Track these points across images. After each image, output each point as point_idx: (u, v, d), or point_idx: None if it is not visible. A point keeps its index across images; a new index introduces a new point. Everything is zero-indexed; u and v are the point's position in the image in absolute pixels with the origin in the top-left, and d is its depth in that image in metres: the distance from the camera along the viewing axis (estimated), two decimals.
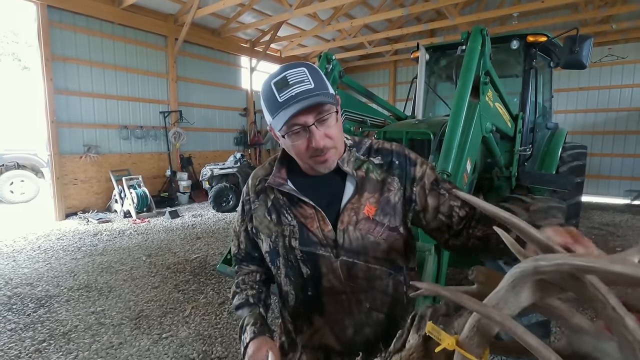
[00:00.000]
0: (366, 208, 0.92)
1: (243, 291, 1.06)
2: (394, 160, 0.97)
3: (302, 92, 0.81)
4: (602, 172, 9.17)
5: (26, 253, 4.76)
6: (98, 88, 7.19)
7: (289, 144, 0.88)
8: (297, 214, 0.95)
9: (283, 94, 0.81)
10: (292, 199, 0.96)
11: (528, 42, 3.47)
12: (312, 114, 0.83)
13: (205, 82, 9.25)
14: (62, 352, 2.58)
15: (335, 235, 0.92)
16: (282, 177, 0.97)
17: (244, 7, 8.15)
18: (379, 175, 0.95)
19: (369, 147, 1.00)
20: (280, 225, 0.96)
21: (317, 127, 0.84)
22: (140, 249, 4.95)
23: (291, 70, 0.83)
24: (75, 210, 6.90)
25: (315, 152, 0.87)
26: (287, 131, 0.84)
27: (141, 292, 3.60)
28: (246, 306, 1.03)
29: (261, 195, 1.01)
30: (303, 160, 0.92)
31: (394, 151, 0.99)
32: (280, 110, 0.82)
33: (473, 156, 2.06)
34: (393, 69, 12.37)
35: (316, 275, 0.94)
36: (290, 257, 0.96)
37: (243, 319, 1.00)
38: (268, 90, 0.84)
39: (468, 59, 1.96)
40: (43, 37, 6.23)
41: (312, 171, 0.95)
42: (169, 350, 2.61)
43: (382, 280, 0.95)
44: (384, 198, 0.94)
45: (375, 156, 0.98)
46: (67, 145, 6.75)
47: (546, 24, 7.97)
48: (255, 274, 1.11)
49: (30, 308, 3.23)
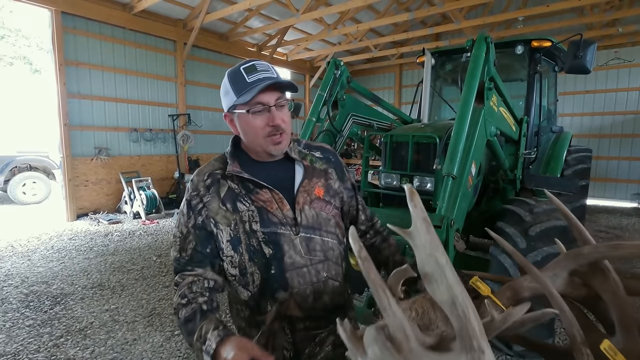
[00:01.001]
0: (316, 190, 1.10)
1: (192, 301, 0.96)
2: (330, 157, 1.20)
3: (267, 77, 0.97)
4: (610, 175, 9.14)
5: (40, 252, 4.89)
6: (109, 92, 7.35)
7: (250, 122, 0.99)
8: (254, 199, 1.04)
9: (251, 76, 0.97)
10: (247, 186, 1.05)
11: (533, 47, 3.52)
12: (274, 97, 0.98)
13: (213, 85, 9.39)
14: (79, 347, 2.68)
15: (294, 214, 1.05)
16: (237, 167, 1.05)
17: (252, 12, 8.28)
18: (321, 165, 1.15)
19: (307, 144, 1.20)
20: (237, 212, 1.03)
21: (276, 110, 0.99)
22: (151, 249, 5.06)
23: (258, 61, 1.01)
24: (86, 211, 7.04)
25: (272, 131, 1.00)
26: (251, 107, 0.97)
27: (153, 290, 3.69)
28: (198, 315, 0.94)
29: (212, 189, 1.05)
30: (258, 141, 1.02)
31: (330, 150, 1.23)
32: (248, 88, 0.96)
33: (477, 159, 2.12)
34: (399, 72, 12.44)
35: (278, 253, 1.03)
36: (252, 241, 1.03)
37: (199, 329, 0.90)
38: (236, 73, 0.99)
39: (473, 65, 2.02)
40: (57, 43, 6.40)
41: (264, 156, 1.08)
42: (181, 347, 2.69)
43: (333, 251, 1.12)
44: (328, 184, 1.14)
45: (316, 151, 1.18)
46: (78, 147, 6.90)
47: (552, 27, 7.99)
48: (202, 280, 1.03)
49: (47, 305, 3.34)
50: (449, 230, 1.69)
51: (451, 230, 1.70)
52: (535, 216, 2.41)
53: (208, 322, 0.91)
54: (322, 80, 2.96)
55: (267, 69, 1.00)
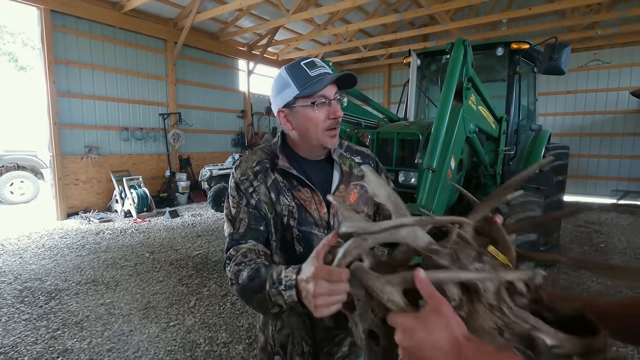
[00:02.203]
0: (352, 196, 1.10)
1: (250, 262, 0.93)
2: (370, 163, 1.20)
3: (327, 72, 1.01)
4: (590, 172, 9.48)
5: (31, 251, 4.90)
6: (99, 90, 7.35)
7: (311, 116, 1.00)
8: (296, 196, 1.05)
9: (314, 71, 0.99)
10: (291, 182, 1.06)
11: (512, 49, 3.70)
12: (333, 91, 1.02)
13: (204, 84, 9.44)
14: (76, 338, 2.75)
15: (328, 217, 1.07)
16: (285, 162, 1.08)
17: (242, 12, 8.35)
18: (359, 172, 1.14)
19: (348, 147, 1.22)
20: (279, 204, 1.05)
21: (335, 103, 1.03)
22: (143, 247, 5.11)
23: (314, 58, 1.04)
24: (76, 210, 7.03)
25: (332, 124, 1.02)
26: (316, 99, 0.99)
27: (147, 285, 3.77)
28: (263, 269, 0.87)
29: (259, 176, 1.07)
30: (317, 134, 1.03)
31: (370, 155, 1.23)
32: (313, 81, 0.98)
33: (457, 154, 2.27)
34: (388, 72, 12.64)
35: (308, 253, 0.98)
36: (286, 235, 1.06)
37: (269, 277, 0.82)
38: (297, 68, 1.00)
39: (451, 67, 2.17)
40: (46, 41, 6.38)
41: (316, 151, 1.10)
42: (177, 337, 2.79)
43: None
44: (364, 190, 1.12)
45: (356, 156, 1.19)
46: (69, 146, 6.89)
47: (535, 29, 8.27)
48: (255, 249, 1.01)
49: (42, 300, 3.39)
50: None
51: None
52: (512, 208, 2.58)
53: (276, 268, 0.83)
54: None
55: (324, 65, 1.04)
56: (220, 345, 2.70)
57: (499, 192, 0.73)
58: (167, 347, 2.66)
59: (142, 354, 2.58)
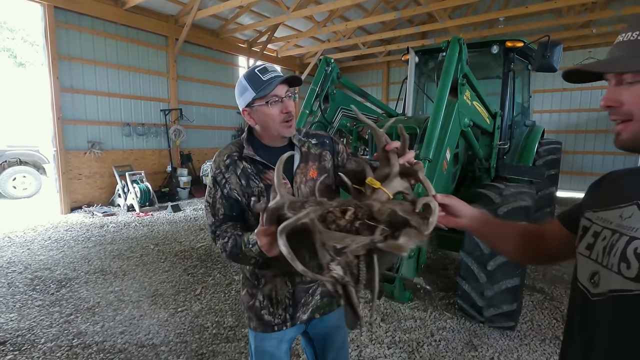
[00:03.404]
0: (311, 172, 1.31)
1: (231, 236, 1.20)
2: (325, 141, 1.40)
3: (278, 75, 1.22)
4: (585, 169, 9.65)
5: (38, 243, 5.02)
6: (102, 86, 7.44)
7: (267, 112, 1.22)
8: (263, 178, 1.27)
9: (266, 76, 1.21)
10: (258, 167, 1.27)
11: (507, 47, 3.83)
12: (284, 90, 1.23)
13: (205, 81, 9.53)
14: (89, 322, 2.89)
15: (292, 192, 1.27)
16: (251, 151, 1.29)
17: (243, 9, 8.43)
18: (316, 150, 1.36)
19: (306, 133, 1.42)
20: (249, 187, 1.26)
21: (287, 100, 1.24)
22: (148, 239, 5.24)
23: (267, 64, 1.27)
24: (80, 204, 7.14)
25: (285, 117, 1.23)
26: (268, 99, 1.20)
27: (153, 274, 3.90)
28: (239, 239, 1.17)
29: (230, 167, 1.28)
30: (275, 126, 1.24)
31: (325, 135, 1.43)
32: (264, 84, 1.19)
33: (452, 147, 2.41)
34: (386, 69, 12.75)
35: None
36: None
37: (244, 242, 1.14)
38: (252, 75, 1.22)
39: (447, 64, 2.30)
40: (50, 37, 6.46)
41: (276, 141, 1.31)
42: (185, 321, 2.93)
43: None
44: (322, 165, 1.35)
45: (312, 139, 1.39)
46: (72, 141, 6.99)
47: (531, 27, 8.39)
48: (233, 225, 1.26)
49: (53, 288, 3.52)
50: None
51: None
52: (504, 198, 2.72)
53: (245, 235, 1.15)
54: (315, 76, 3.21)
55: (275, 69, 1.26)
56: (227, 328, 2.83)
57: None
58: (176, 330, 2.80)
59: (153, 336, 2.72)
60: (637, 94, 0.64)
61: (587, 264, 0.71)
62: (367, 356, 2.49)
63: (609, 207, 0.71)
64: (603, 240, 0.68)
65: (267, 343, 1.36)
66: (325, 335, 1.46)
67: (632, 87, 0.64)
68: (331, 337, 1.46)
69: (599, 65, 0.68)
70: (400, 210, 0.78)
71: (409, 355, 2.51)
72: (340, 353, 1.50)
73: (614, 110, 0.68)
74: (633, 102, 0.64)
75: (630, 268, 0.61)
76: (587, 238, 0.73)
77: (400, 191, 0.93)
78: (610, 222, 0.69)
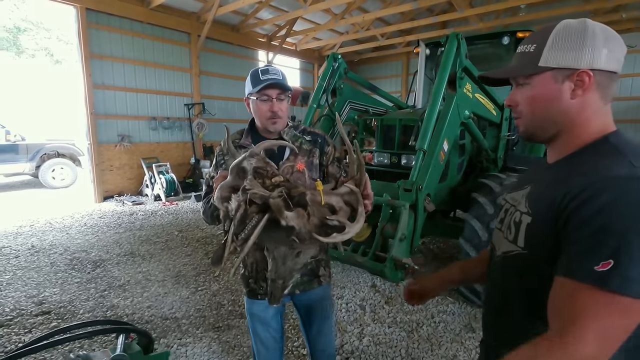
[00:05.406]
0: (299, 165, 1.45)
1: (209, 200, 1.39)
2: (318, 139, 1.53)
3: (274, 78, 1.37)
4: None
5: (76, 228, 5.50)
6: (130, 83, 7.88)
7: (258, 106, 1.40)
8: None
9: (264, 76, 1.37)
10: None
11: (518, 38, 3.83)
12: (275, 92, 1.38)
13: (226, 75, 9.84)
14: (120, 297, 3.23)
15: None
16: (248, 141, 1.47)
17: (262, 4, 8.62)
18: (307, 146, 1.50)
19: (303, 130, 1.55)
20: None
21: (276, 101, 1.40)
22: (172, 226, 5.61)
23: (272, 66, 1.43)
24: (111, 193, 7.67)
25: (272, 116, 1.39)
26: (260, 96, 1.37)
27: (177, 258, 4.23)
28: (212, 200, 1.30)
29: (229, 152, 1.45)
30: (262, 120, 1.42)
31: (319, 134, 1.56)
32: (260, 83, 1.36)
33: (450, 138, 2.51)
34: (406, 60, 12.63)
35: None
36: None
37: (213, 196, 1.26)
38: (256, 72, 1.40)
39: (444, 59, 2.40)
40: (82, 37, 6.91)
41: (266, 133, 1.46)
42: (204, 298, 3.22)
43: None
44: (310, 161, 1.49)
45: (307, 136, 1.53)
46: (104, 135, 7.49)
47: (555, 14, 8.10)
48: None
49: (89, 268, 3.91)
50: (418, 193, 2.11)
51: (420, 193, 2.12)
52: (504, 187, 2.81)
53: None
54: (322, 71, 3.37)
55: (277, 72, 1.40)
56: (241, 306, 3.10)
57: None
58: (196, 306, 3.09)
59: (176, 310, 3.02)
60: (525, 95, 0.78)
61: (498, 234, 0.88)
62: (369, 333, 2.68)
63: (515, 190, 0.88)
64: (507, 215, 0.85)
65: (256, 307, 1.57)
66: (309, 308, 1.62)
67: (522, 89, 0.79)
68: (314, 309, 1.61)
69: (500, 72, 0.84)
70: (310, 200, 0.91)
71: (407, 334, 2.68)
72: (325, 324, 1.64)
73: (513, 109, 0.83)
74: (522, 101, 0.79)
75: (511, 233, 0.79)
76: (501, 214, 0.90)
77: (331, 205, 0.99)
78: (515, 200, 0.84)
